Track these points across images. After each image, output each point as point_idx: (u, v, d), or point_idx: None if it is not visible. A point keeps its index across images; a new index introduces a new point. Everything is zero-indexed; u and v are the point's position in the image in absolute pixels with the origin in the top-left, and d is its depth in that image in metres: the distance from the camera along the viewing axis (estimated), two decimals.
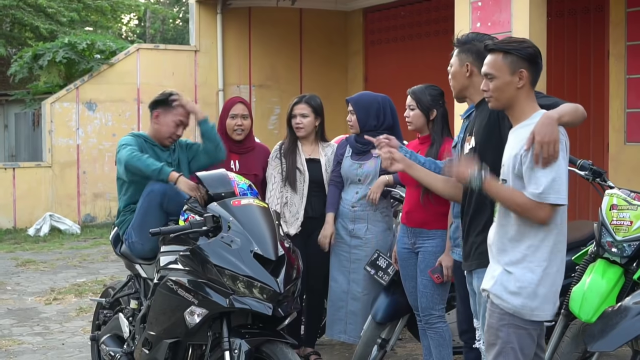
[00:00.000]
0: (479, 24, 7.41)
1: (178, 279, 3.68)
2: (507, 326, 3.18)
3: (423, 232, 4.56)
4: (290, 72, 13.96)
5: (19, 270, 9.39)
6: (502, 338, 3.19)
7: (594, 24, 9.73)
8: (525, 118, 3.19)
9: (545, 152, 3.02)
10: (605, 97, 9.48)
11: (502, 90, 3.18)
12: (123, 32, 28.94)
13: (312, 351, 5.45)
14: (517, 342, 3.17)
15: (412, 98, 4.65)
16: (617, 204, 4.00)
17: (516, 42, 3.19)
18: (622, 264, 3.95)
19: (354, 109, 5.12)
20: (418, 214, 4.55)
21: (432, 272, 4.46)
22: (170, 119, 4.62)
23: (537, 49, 3.19)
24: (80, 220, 12.82)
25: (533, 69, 3.17)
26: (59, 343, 6.21)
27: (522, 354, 3.19)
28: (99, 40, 13.82)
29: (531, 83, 3.18)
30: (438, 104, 4.64)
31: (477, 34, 3.86)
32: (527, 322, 3.18)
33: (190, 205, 3.87)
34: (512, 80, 3.15)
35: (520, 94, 3.17)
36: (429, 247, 4.52)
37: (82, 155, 12.84)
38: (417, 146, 4.70)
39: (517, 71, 3.14)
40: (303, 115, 5.36)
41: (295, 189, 5.29)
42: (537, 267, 3.14)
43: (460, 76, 3.76)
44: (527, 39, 3.25)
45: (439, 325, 4.57)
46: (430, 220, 4.53)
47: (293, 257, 3.70)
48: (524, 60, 3.14)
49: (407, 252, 4.66)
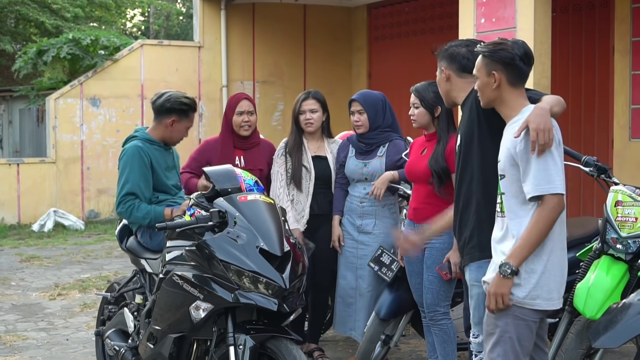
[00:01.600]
0: (484, 20, 7.40)
1: (183, 273, 3.69)
2: (505, 316, 3.21)
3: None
4: (294, 68, 13.96)
5: (23, 265, 9.42)
6: (500, 327, 3.22)
7: (599, 19, 9.71)
8: (515, 114, 3.29)
9: (542, 139, 3.11)
10: (610, 93, 9.48)
11: (482, 90, 3.36)
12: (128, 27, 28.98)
13: (316, 347, 5.45)
14: (515, 332, 3.21)
15: (416, 96, 4.65)
16: (622, 200, 4.00)
17: (494, 44, 3.31)
18: (627, 260, 3.94)
19: (364, 108, 5.10)
20: (426, 210, 4.55)
21: (441, 269, 4.46)
22: (184, 127, 4.69)
23: (515, 52, 3.26)
24: (84, 216, 12.85)
25: (509, 71, 3.26)
26: (63, 338, 6.23)
27: (519, 345, 3.22)
28: (103, 36, 13.84)
29: (509, 83, 3.27)
30: (442, 101, 4.63)
31: (456, 41, 3.95)
32: (527, 313, 3.20)
33: (197, 201, 3.88)
34: (488, 81, 3.30)
35: (501, 93, 3.30)
36: (436, 244, 4.52)
37: (86, 151, 12.86)
38: (424, 143, 4.70)
39: (491, 73, 3.28)
40: (312, 111, 5.34)
41: (301, 187, 5.29)
42: (538, 258, 3.18)
43: (441, 82, 3.87)
44: (511, 42, 3.31)
45: (444, 322, 4.57)
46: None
47: (298, 253, 3.70)
48: (497, 63, 3.27)
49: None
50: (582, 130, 9.68)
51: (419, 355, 5.61)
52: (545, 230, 3.14)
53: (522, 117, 3.22)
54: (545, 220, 3.13)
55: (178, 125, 4.64)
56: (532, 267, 3.19)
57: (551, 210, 3.12)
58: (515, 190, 3.22)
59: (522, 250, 3.15)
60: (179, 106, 4.63)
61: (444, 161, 4.47)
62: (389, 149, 5.12)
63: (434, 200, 4.52)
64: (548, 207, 3.12)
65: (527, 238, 3.15)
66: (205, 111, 13.51)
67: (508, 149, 3.22)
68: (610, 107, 9.47)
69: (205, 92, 13.53)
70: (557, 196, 3.12)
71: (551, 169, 3.12)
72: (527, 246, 3.15)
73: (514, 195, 3.23)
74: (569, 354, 3.88)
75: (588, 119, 9.70)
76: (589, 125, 9.62)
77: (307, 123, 5.34)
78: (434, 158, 4.51)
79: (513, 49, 3.26)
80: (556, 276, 3.24)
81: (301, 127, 5.37)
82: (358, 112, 5.12)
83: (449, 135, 4.56)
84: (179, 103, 4.63)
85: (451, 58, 3.76)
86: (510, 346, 3.22)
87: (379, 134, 5.12)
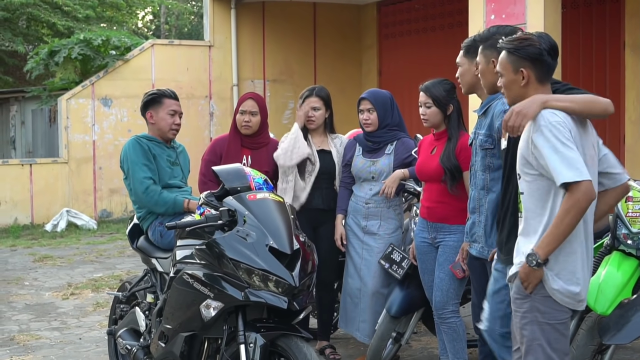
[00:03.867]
0: (493, 16, 7.39)
1: (194, 272, 3.70)
2: (530, 324, 3.16)
3: (445, 227, 4.56)
4: (304, 67, 13.97)
5: (36, 265, 9.47)
6: (526, 337, 3.17)
7: (610, 15, 9.68)
8: None
9: (512, 120, 3.08)
10: (621, 89, 9.44)
11: (508, 87, 3.25)
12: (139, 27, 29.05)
13: (328, 344, 5.46)
14: (543, 338, 3.14)
15: (427, 95, 4.61)
16: (633, 196, 3.99)
17: (520, 40, 3.21)
18: (638, 256, 3.94)
19: (375, 106, 5.09)
20: (440, 209, 4.55)
21: (454, 267, 4.46)
22: (164, 113, 4.79)
23: (543, 47, 3.18)
24: (96, 215, 12.90)
25: (537, 67, 3.18)
26: (76, 338, 6.26)
27: (551, 349, 3.14)
28: (114, 36, 13.89)
29: (537, 80, 3.20)
30: (453, 98, 4.63)
31: (497, 28, 3.87)
32: (550, 316, 3.13)
33: (206, 199, 3.89)
34: (516, 78, 3.21)
35: (527, 91, 3.20)
36: (450, 242, 4.52)
37: (98, 151, 12.91)
38: (433, 142, 4.69)
39: (519, 70, 3.19)
40: (315, 109, 5.36)
41: (304, 178, 5.29)
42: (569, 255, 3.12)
43: (488, 74, 3.78)
44: (536, 36, 3.23)
45: (453, 320, 4.57)
46: (452, 216, 4.52)
47: (308, 251, 3.70)
48: (525, 60, 3.18)
49: (427, 246, 4.66)
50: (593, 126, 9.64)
51: (430, 352, 5.60)
52: (573, 220, 2.99)
53: None
54: (573, 209, 2.97)
55: (156, 115, 4.80)
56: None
57: (579, 198, 2.96)
58: (532, 189, 3.15)
59: (550, 241, 3.03)
60: (148, 98, 4.84)
61: (455, 159, 4.46)
62: (397, 147, 5.11)
63: (447, 199, 4.53)
64: (575, 196, 2.96)
65: (555, 228, 3.02)
66: (216, 110, 13.54)
67: (520, 148, 3.19)
68: (621, 103, 9.43)
69: (216, 91, 13.56)
70: (583, 183, 2.96)
71: (567, 159, 2.98)
72: (555, 237, 3.02)
73: (531, 194, 3.16)
74: (580, 350, 3.87)
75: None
76: (600, 121, 9.51)
77: (310, 120, 5.35)
78: (445, 156, 4.51)
79: (540, 43, 3.17)
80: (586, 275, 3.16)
81: None
82: (368, 111, 5.12)
83: (460, 133, 4.56)
84: (147, 96, 4.85)
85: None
86: (542, 352, 3.14)
87: (387, 132, 5.11)
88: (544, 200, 3.12)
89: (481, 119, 4.05)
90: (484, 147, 3.96)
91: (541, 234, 3.10)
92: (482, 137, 3.99)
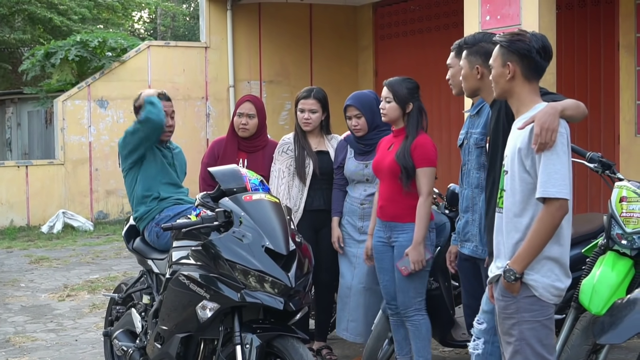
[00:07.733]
0: (489, 17, 7.40)
1: (190, 273, 3.71)
2: (517, 325, 3.18)
3: (397, 225, 4.57)
4: (301, 68, 13.98)
5: (32, 267, 9.47)
6: (515, 337, 3.20)
7: (604, 15, 9.70)
8: (525, 110, 3.25)
9: (543, 137, 3.07)
10: (616, 89, 9.46)
11: (495, 80, 3.31)
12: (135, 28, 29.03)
13: (324, 345, 5.47)
14: (533, 337, 3.17)
15: (389, 90, 4.66)
16: (627, 196, 3.99)
17: (512, 35, 3.27)
18: (632, 256, 3.94)
19: (362, 112, 5.06)
20: (391, 207, 4.58)
21: (399, 265, 4.48)
22: None
23: (533, 44, 3.21)
24: (93, 217, 12.90)
25: (524, 63, 3.22)
26: (72, 339, 6.26)
27: (542, 346, 3.19)
28: (111, 38, 13.88)
29: (523, 76, 3.23)
30: (414, 98, 4.66)
31: (483, 34, 3.93)
32: (537, 314, 3.17)
33: (202, 201, 3.90)
34: (503, 71, 3.26)
35: (514, 86, 3.25)
36: (403, 241, 4.53)
37: (94, 152, 12.91)
38: (391, 139, 4.72)
39: (506, 63, 3.24)
40: (312, 111, 5.35)
41: (304, 181, 5.30)
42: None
43: (471, 79, 3.85)
44: (530, 34, 3.27)
45: (416, 318, 4.57)
46: (403, 214, 4.54)
47: (304, 252, 3.72)
48: (512, 54, 3.22)
49: (383, 246, 4.67)
50: (588, 126, 9.66)
51: None
52: (547, 235, 3.10)
53: (532, 114, 3.18)
54: (548, 225, 3.09)
55: None
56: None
57: (553, 214, 3.07)
58: (516, 188, 3.18)
59: (525, 256, 3.12)
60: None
61: (409, 157, 4.48)
62: None
63: (398, 197, 4.55)
64: (550, 211, 3.07)
65: (530, 243, 3.11)
66: (213, 111, 13.54)
67: (515, 145, 3.19)
68: (616, 103, 9.46)
69: (213, 92, 13.56)
70: (560, 201, 3.07)
71: (558, 173, 3.06)
72: (530, 251, 3.11)
73: (514, 193, 3.19)
74: (575, 350, 3.88)
75: (594, 115, 9.68)
76: (595, 121, 9.60)
77: (305, 122, 5.35)
78: (401, 152, 4.53)
79: (531, 41, 3.22)
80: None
81: None
82: (355, 117, 5.09)
83: (417, 132, 4.58)
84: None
85: (488, 56, 3.60)
86: (531, 351, 3.18)
87: (378, 133, 5.09)
88: (527, 200, 3.16)
89: (474, 118, 4.08)
90: (480, 145, 3.98)
91: (521, 237, 3.16)
92: (477, 135, 4.02)
